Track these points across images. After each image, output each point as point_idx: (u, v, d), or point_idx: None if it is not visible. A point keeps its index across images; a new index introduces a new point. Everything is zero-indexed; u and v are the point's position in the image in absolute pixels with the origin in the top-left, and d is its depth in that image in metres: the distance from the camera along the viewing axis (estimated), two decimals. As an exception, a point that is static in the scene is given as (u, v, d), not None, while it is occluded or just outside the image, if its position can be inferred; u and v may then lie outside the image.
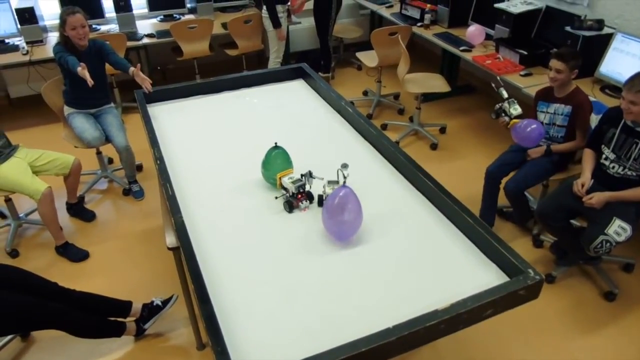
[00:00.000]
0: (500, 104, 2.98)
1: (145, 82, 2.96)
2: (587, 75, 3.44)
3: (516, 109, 2.93)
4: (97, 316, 2.38)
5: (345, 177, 1.81)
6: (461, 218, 1.81)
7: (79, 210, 3.50)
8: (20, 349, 2.55)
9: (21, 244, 3.26)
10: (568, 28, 3.51)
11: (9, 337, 2.58)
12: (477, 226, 1.73)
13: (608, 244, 2.47)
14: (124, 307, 2.53)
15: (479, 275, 1.65)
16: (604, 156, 2.67)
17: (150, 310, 2.58)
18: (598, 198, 2.56)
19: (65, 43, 3.26)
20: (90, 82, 3.04)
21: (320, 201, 1.97)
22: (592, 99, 3.02)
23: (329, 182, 1.93)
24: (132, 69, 3.21)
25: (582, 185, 2.64)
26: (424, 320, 1.40)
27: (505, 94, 2.94)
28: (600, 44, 3.42)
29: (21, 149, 3.16)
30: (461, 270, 1.67)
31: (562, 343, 2.56)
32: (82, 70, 3.05)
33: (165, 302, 2.61)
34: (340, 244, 1.78)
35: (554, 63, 2.81)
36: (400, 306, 1.54)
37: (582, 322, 2.68)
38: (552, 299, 2.80)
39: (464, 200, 1.87)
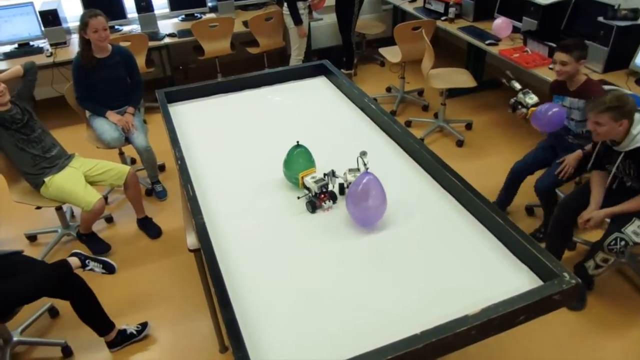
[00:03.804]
0: (515, 98, 2.91)
1: (126, 124, 3.39)
2: (621, 67, 3.32)
3: (532, 98, 2.87)
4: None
5: (365, 164, 1.78)
6: (491, 218, 1.73)
7: (145, 224, 3.37)
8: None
9: (54, 255, 3.21)
10: (600, 18, 3.37)
11: (40, 312, 2.65)
12: (508, 227, 1.66)
13: (623, 242, 2.39)
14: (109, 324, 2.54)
15: (510, 278, 1.57)
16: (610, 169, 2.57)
17: (123, 338, 2.57)
18: (595, 219, 2.46)
19: (84, 49, 3.27)
20: (127, 128, 3.42)
21: (342, 190, 1.95)
22: (627, 92, 2.89)
23: (350, 170, 1.92)
24: (130, 108, 3.48)
25: (588, 220, 2.50)
26: (453, 327, 1.34)
27: (518, 86, 2.89)
28: (635, 34, 3.28)
29: (77, 158, 3.10)
30: (492, 274, 1.59)
31: (600, 343, 2.47)
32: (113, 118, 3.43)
33: (139, 332, 2.60)
34: (366, 234, 1.75)
35: (558, 55, 2.73)
36: (428, 311, 1.47)
37: (621, 323, 2.58)
38: (589, 302, 2.70)
39: (492, 198, 1.80)
